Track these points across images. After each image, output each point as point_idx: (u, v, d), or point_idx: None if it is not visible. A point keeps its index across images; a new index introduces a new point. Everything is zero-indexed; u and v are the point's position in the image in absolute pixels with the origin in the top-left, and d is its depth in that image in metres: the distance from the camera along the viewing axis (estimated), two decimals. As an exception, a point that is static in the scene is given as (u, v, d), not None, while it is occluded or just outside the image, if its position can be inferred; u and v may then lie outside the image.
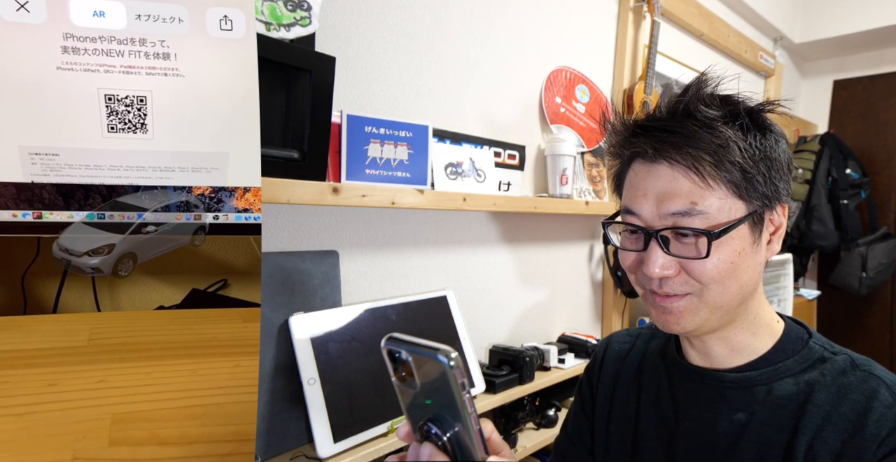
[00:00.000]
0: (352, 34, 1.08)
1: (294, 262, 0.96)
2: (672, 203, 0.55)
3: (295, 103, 0.88)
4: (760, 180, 0.55)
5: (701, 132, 0.53)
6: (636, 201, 0.58)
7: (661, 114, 0.58)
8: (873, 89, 2.99)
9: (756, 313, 0.61)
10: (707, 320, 0.58)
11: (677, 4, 1.91)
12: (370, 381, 0.97)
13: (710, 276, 0.55)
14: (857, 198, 2.75)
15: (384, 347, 0.40)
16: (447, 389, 0.37)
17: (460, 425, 0.38)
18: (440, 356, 0.36)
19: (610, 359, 0.77)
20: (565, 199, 1.45)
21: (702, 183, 0.54)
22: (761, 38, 2.62)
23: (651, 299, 0.60)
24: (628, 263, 0.60)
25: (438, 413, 0.39)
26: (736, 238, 0.55)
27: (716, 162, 0.53)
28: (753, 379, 0.60)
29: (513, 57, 1.41)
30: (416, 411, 0.41)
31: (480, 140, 1.28)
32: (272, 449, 0.89)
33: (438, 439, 0.39)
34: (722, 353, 0.62)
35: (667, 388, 0.68)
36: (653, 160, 0.56)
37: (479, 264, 1.37)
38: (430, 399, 0.39)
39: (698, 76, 0.57)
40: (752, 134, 0.55)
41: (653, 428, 0.67)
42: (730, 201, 0.54)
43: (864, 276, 2.65)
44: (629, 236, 0.61)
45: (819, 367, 0.59)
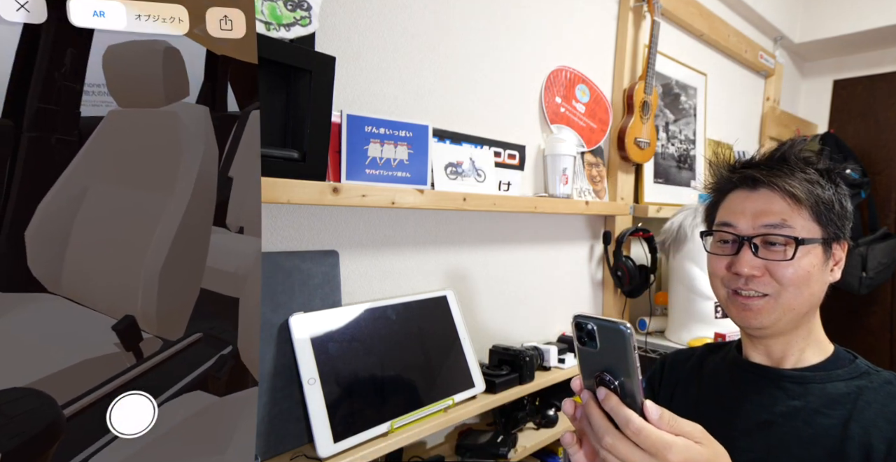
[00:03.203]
0: (352, 34, 1.08)
1: (294, 262, 0.96)
2: (766, 218, 0.70)
3: (295, 103, 0.88)
4: (835, 215, 0.70)
5: (796, 171, 0.71)
6: (734, 217, 0.73)
7: (762, 159, 0.75)
8: (873, 89, 2.98)
9: (813, 330, 0.75)
10: (779, 320, 0.70)
11: (677, 4, 1.90)
12: (370, 381, 0.97)
13: (789, 278, 0.68)
14: (857, 198, 2.74)
15: (574, 321, 0.52)
16: (623, 350, 0.50)
17: (626, 377, 0.51)
18: (622, 326, 0.49)
19: (671, 363, 0.90)
20: (565, 199, 1.45)
21: (793, 205, 0.69)
22: (761, 38, 2.62)
23: (734, 298, 0.73)
24: (718, 267, 0.75)
25: (610, 367, 0.52)
26: (812, 254, 0.69)
27: (805, 192, 0.69)
28: (809, 378, 0.72)
29: (513, 57, 1.41)
30: (591, 367, 0.53)
31: (480, 140, 1.28)
32: (272, 449, 0.89)
33: (611, 384, 0.52)
34: (781, 355, 0.75)
35: (728, 380, 0.79)
36: (752, 188, 0.73)
37: (479, 264, 1.37)
38: (605, 357, 0.52)
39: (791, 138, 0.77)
40: (830, 183, 0.71)
41: (712, 412, 0.77)
42: (810, 224, 0.70)
43: (864, 275, 2.65)
44: (722, 246, 0.75)
45: (867, 378, 0.70)
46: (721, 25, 2.19)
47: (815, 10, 2.78)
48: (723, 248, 0.75)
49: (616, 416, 0.51)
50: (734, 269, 0.71)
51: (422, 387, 1.05)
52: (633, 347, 0.50)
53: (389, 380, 1.00)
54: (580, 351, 0.54)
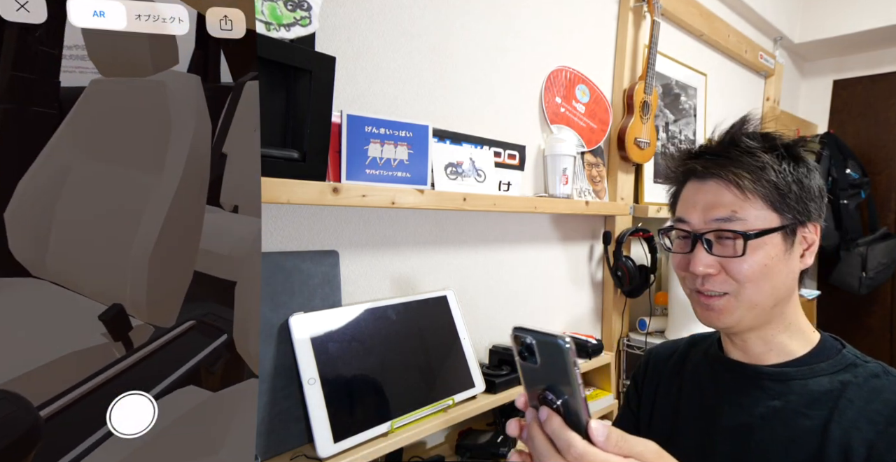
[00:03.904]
0: (352, 34, 1.08)
1: (294, 262, 0.96)
2: (716, 211, 0.66)
3: (295, 103, 0.88)
4: (792, 198, 0.65)
5: (743, 157, 0.66)
6: (687, 212, 0.69)
7: (712, 145, 0.70)
8: (873, 89, 2.98)
9: (792, 320, 0.70)
10: (743, 318, 0.67)
11: (677, 4, 1.91)
12: (370, 381, 0.97)
13: (745, 275, 0.64)
14: (857, 198, 2.75)
15: (513, 334, 0.49)
16: (563, 365, 0.47)
17: (570, 394, 0.48)
18: (560, 340, 0.46)
19: (654, 360, 0.87)
20: (565, 199, 1.45)
21: (741, 195, 0.65)
22: (761, 38, 2.62)
23: (696, 298, 0.70)
24: (677, 264, 0.71)
25: (552, 384, 0.49)
26: (769, 244, 0.64)
27: (754, 179, 0.64)
28: (790, 374, 0.68)
29: (513, 57, 1.41)
30: (533, 383, 0.51)
31: (480, 140, 1.27)
32: (272, 449, 0.89)
33: (553, 404, 0.49)
34: (760, 350, 0.70)
35: (709, 378, 0.76)
36: (702, 178, 0.68)
37: (479, 264, 1.37)
38: (546, 373, 0.49)
39: (742, 116, 0.70)
40: (787, 162, 0.66)
41: (692, 411, 0.75)
42: (765, 213, 0.65)
43: (864, 276, 2.65)
44: (680, 242, 0.72)
45: (852, 371, 0.66)
46: (721, 25, 2.19)
47: (815, 10, 2.78)
48: (681, 245, 0.71)
49: (557, 440, 0.48)
50: (690, 267, 0.67)
51: (422, 387, 1.05)
52: (574, 363, 0.46)
53: (389, 380, 1.00)
54: (521, 367, 0.51)
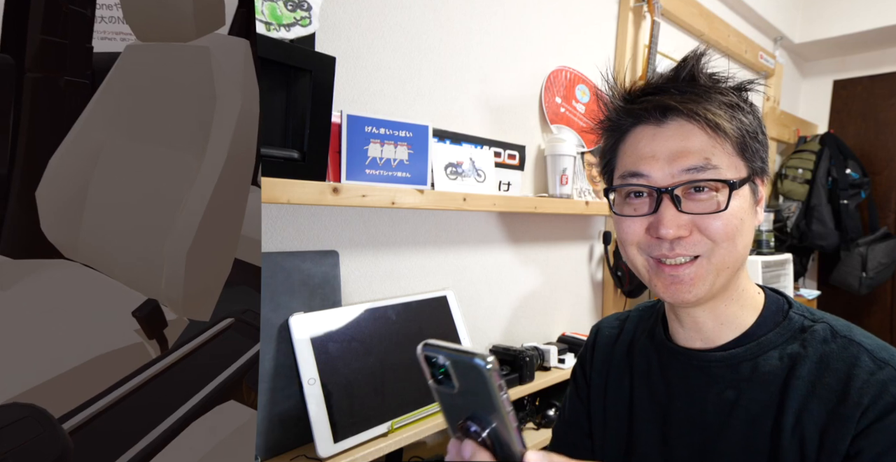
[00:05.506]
0: (352, 34, 1.08)
1: (294, 262, 0.96)
2: (686, 160, 0.55)
3: (295, 103, 0.88)
4: (759, 145, 0.57)
5: (711, 93, 0.56)
6: (642, 164, 0.57)
7: (661, 82, 0.58)
8: (873, 89, 2.98)
9: (743, 286, 0.61)
10: (713, 285, 0.57)
11: (677, 4, 1.90)
12: (370, 381, 0.97)
13: (723, 232, 0.55)
14: (857, 198, 2.74)
15: (421, 353, 0.41)
16: (485, 390, 0.39)
17: (499, 422, 0.41)
18: (478, 360, 0.38)
19: (601, 345, 0.77)
20: (565, 199, 1.45)
21: (714, 139, 0.55)
22: (761, 38, 2.62)
23: (659, 270, 0.58)
24: (631, 231, 0.59)
25: (476, 412, 0.41)
26: (742, 196, 0.56)
27: (729, 118, 0.55)
28: (738, 356, 0.60)
29: (513, 57, 1.41)
30: (453, 411, 0.43)
31: (480, 140, 1.27)
32: (272, 449, 0.89)
33: (478, 436, 0.42)
34: (711, 327, 0.62)
35: (658, 371, 0.67)
36: (660, 122, 0.57)
37: (479, 264, 1.37)
38: (467, 399, 0.41)
39: (695, 49, 0.58)
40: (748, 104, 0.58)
41: (647, 410, 0.67)
42: (735, 160, 0.56)
43: (864, 276, 2.65)
44: (633, 204, 0.59)
45: (800, 338, 0.58)
46: (721, 25, 2.19)
47: (815, 11, 2.78)
48: (635, 207, 0.59)
49: None
50: (655, 231, 0.56)
51: (422, 387, 1.05)
52: (500, 387, 0.39)
53: (389, 380, 1.00)
54: (436, 392, 0.42)
